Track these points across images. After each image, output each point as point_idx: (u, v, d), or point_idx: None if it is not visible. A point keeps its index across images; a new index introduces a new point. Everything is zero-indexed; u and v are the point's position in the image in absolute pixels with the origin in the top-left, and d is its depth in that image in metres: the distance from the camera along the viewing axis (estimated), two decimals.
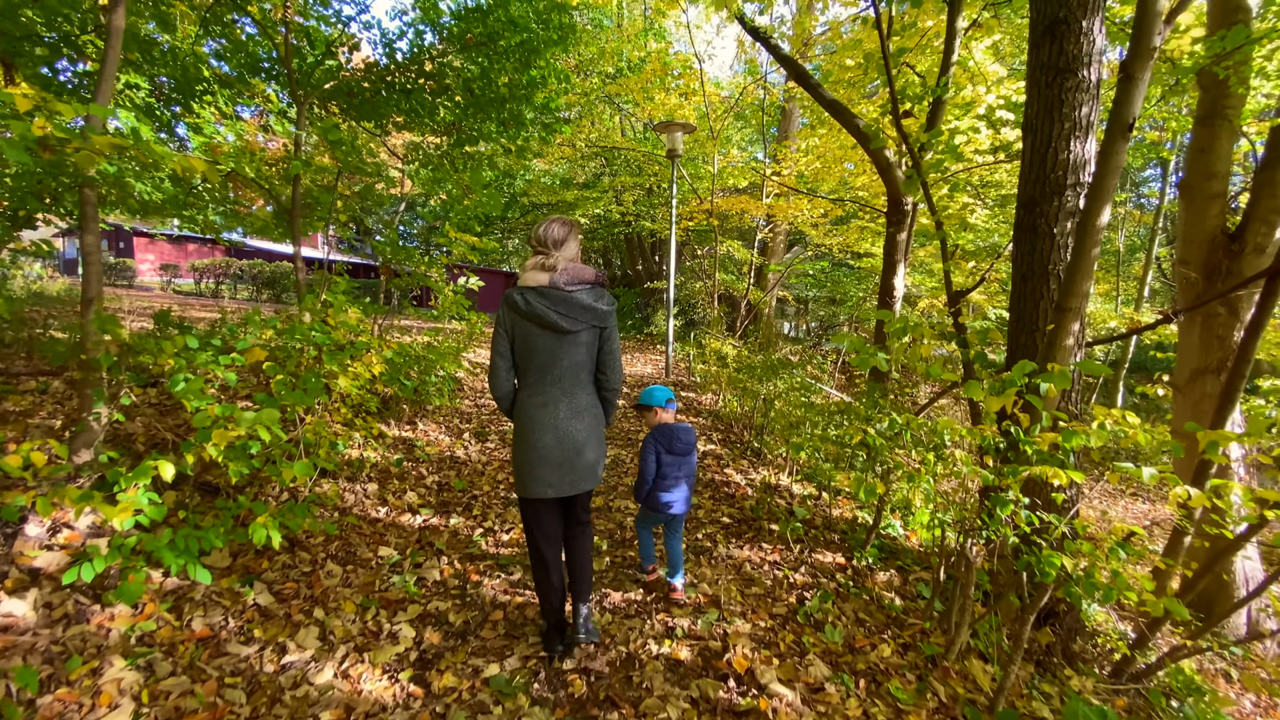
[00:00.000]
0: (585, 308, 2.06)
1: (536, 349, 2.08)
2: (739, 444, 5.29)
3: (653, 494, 2.60)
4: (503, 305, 2.10)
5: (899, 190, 5.21)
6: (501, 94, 5.82)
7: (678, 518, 2.65)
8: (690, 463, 2.63)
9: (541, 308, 2.02)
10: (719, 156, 10.59)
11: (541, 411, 2.09)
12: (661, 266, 16.19)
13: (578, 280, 2.07)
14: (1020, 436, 2.21)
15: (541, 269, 2.07)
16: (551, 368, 2.09)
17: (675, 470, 2.58)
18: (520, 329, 2.08)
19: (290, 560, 2.84)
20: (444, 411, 5.54)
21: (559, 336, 2.07)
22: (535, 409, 2.10)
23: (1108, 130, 2.64)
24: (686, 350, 9.61)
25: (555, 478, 2.09)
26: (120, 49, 2.78)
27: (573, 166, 15.49)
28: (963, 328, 3.42)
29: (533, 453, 2.08)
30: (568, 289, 2.05)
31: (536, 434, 2.08)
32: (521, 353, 2.11)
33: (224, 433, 2.06)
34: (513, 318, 2.07)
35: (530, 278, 2.07)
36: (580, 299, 2.06)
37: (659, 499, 2.59)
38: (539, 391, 2.11)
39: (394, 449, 4.47)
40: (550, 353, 2.08)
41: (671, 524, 2.69)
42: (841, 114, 5.30)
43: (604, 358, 2.18)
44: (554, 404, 2.10)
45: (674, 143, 7.95)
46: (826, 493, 4.09)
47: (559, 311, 2.03)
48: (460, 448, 4.75)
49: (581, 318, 2.06)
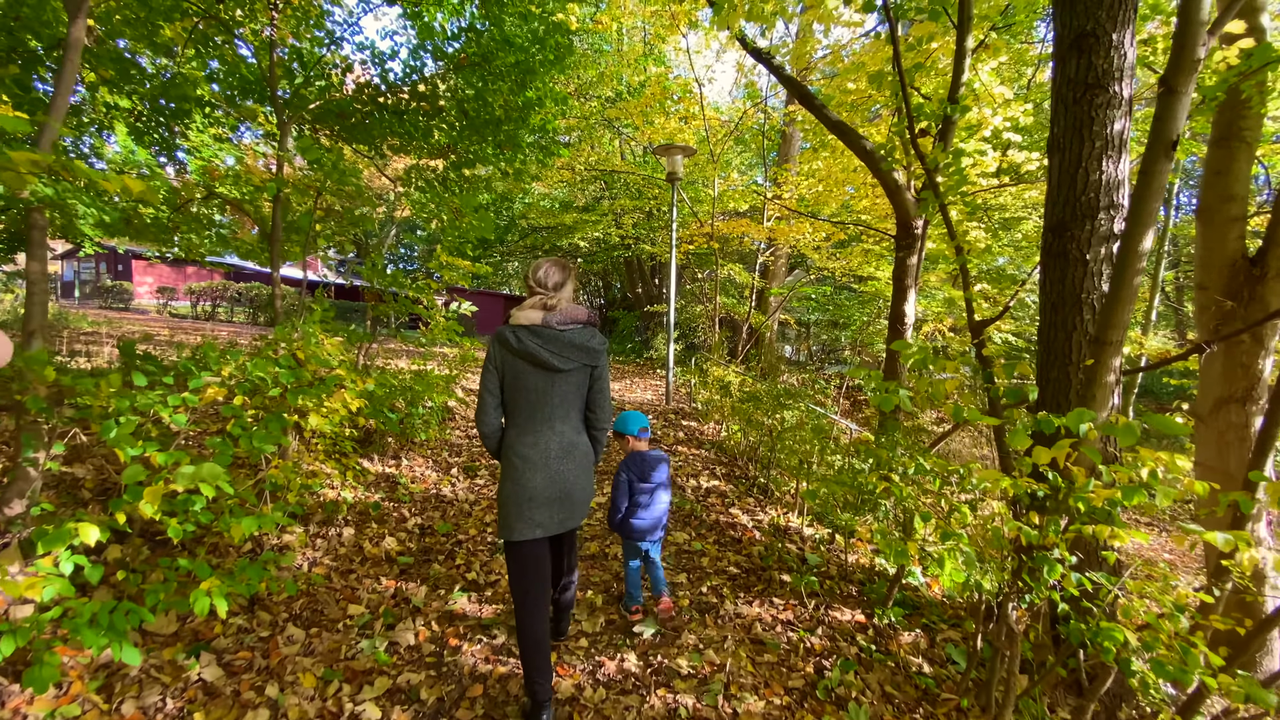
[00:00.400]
0: (578, 347, 2.06)
1: (527, 387, 2.06)
2: (744, 479, 4.99)
3: (626, 522, 2.61)
4: (494, 342, 2.08)
5: (909, 213, 5.01)
6: (497, 116, 5.66)
7: (657, 541, 2.69)
8: (664, 488, 2.66)
9: (534, 346, 2.01)
10: (719, 180, 10.49)
11: (532, 451, 2.06)
12: (661, 290, 16.04)
13: (570, 320, 2.07)
14: (1077, 491, 1.94)
15: (540, 308, 2.06)
16: (542, 406, 2.07)
17: (648, 498, 2.58)
18: (511, 366, 2.06)
19: (247, 623, 2.54)
20: (432, 444, 5.25)
21: (551, 375, 2.06)
22: (525, 448, 2.06)
23: (1149, 148, 2.43)
24: (687, 376, 9.35)
25: (544, 517, 2.06)
26: (79, 62, 2.59)
27: (572, 190, 15.44)
28: (987, 361, 3.17)
29: (522, 493, 2.04)
30: (560, 328, 2.04)
31: (527, 474, 2.05)
32: (511, 390, 2.08)
33: (157, 489, 1.79)
34: (504, 355, 2.06)
35: (525, 316, 2.05)
36: (573, 338, 2.05)
37: (633, 526, 2.60)
38: (529, 430, 2.08)
39: (376, 487, 4.18)
40: (541, 391, 2.07)
41: (653, 548, 2.71)
42: (847, 135, 5.13)
43: (594, 396, 2.19)
44: (544, 443, 2.07)
45: (674, 166, 7.81)
46: (840, 535, 3.79)
47: (551, 350, 2.02)
48: (448, 484, 4.46)
49: (574, 356, 2.06)
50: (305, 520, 3.42)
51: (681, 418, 7.18)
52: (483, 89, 5.37)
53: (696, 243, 10.27)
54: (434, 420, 5.08)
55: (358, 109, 5.23)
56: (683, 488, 4.61)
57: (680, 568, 3.38)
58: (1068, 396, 2.90)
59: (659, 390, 9.92)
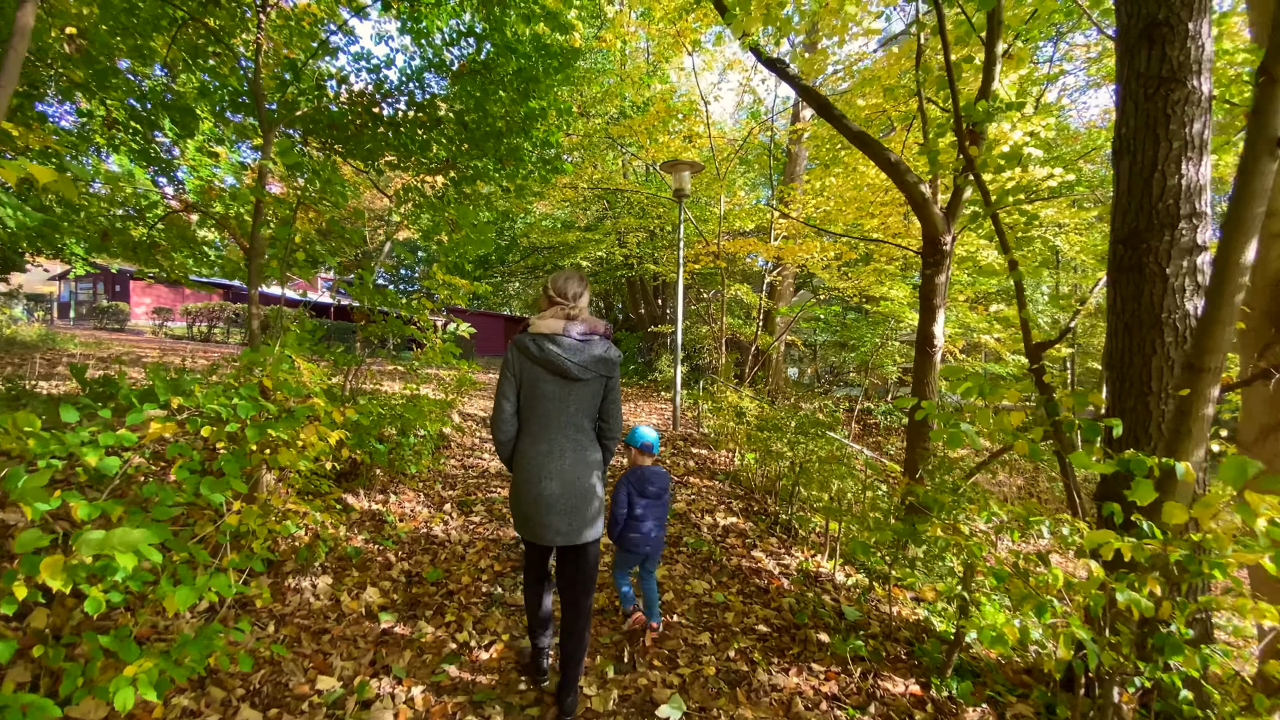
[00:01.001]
0: (597, 357, 2.08)
1: (544, 394, 2.08)
2: (764, 515, 4.58)
3: (624, 534, 2.61)
4: (512, 349, 2.10)
5: (937, 228, 4.70)
6: (498, 128, 5.39)
7: (651, 557, 2.69)
8: (662, 505, 2.65)
9: (554, 354, 2.02)
10: (725, 198, 10.25)
11: (547, 459, 2.07)
12: (665, 310, 15.75)
13: (590, 330, 2.09)
14: (1213, 558, 1.56)
15: (562, 318, 2.08)
16: (558, 414, 2.09)
17: (647, 512, 2.60)
18: (529, 374, 2.08)
19: (194, 703, 2.13)
20: (424, 476, 4.86)
21: (568, 384, 2.08)
22: (540, 456, 2.07)
23: (1248, 145, 2.09)
24: (694, 398, 8.98)
25: (564, 524, 2.07)
26: (24, 50, 2.27)
27: (574, 209, 15.26)
28: (1048, 388, 2.81)
29: (539, 500, 2.05)
30: (580, 339, 2.06)
31: (542, 481, 2.06)
32: (528, 398, 2.10)
33: (55, 560, 1.42)
34: (522, 362, 2.08)
35: (546, 325, 2.06)
36: (593, 349, 2.07)
37: (631, 539, 2.60)
38: (543, 439, 2.09)
39: (360, 526, 3.78)
40: (558, 399, 2.08)
41: (645, 564, 2.71)
42: (869, 146, 4.85)
43: (607, 406, 2.19)
44: (559, 451, 2.08)
45: (681, 182, 7.56)
46: (879, 584, 3.38)
47: (571, 359, 2.03)
48: (440, 522, 4.06)
49: (592, 367, 2.07)
50: (275, 569, 3.02)
51: (691, 444, 6.79)
52: (483, 99, 5.11)
53: (702, 262, 10.00)
54: (426, 450, 4.69)
55: (351, 120, 4.96)
56: (697, 525, 4.20)
57: (703, 624, 2.97)
58: (1147, 430, 2.53)
59: (665, 415, 9.53)
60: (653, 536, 2.61)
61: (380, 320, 4.19)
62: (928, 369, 4.87)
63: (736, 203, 11.25)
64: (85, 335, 17.36)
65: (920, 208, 4.72)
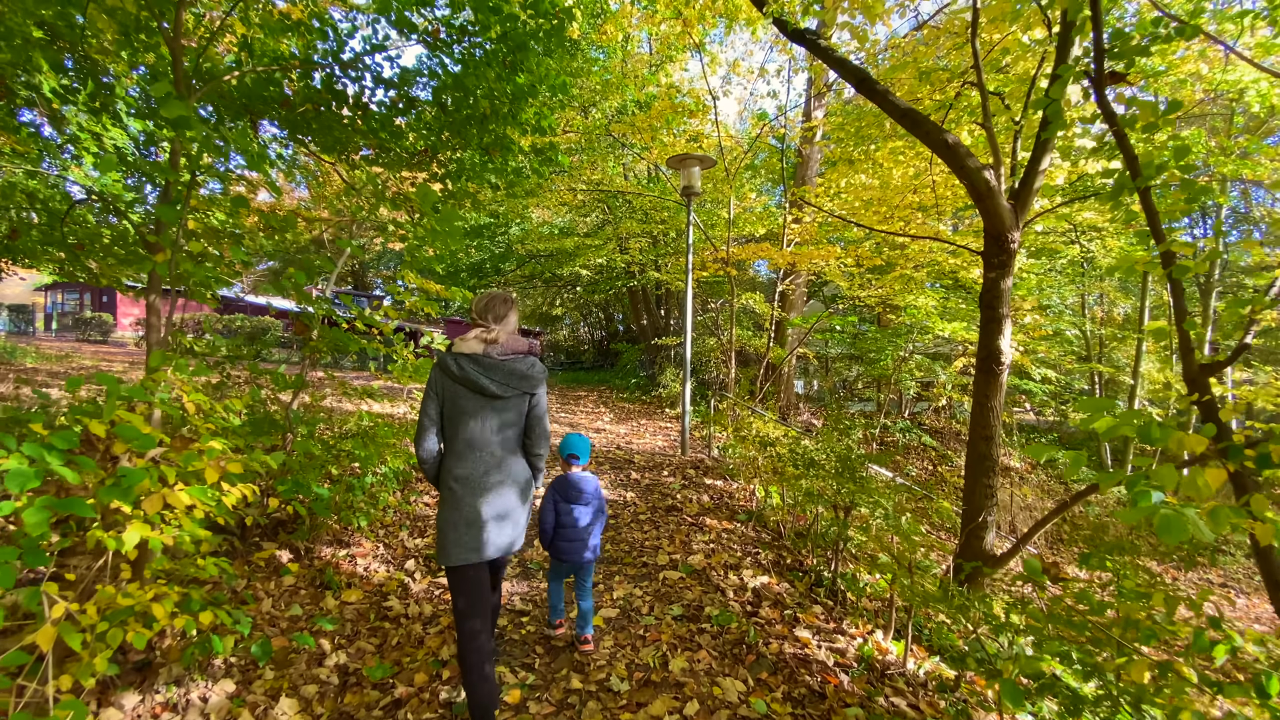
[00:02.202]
0: (517, 375, 2.10)
1: (465, 411, 2.09)
2: (800, 570, 3.76)
3: (555, 542, 2.63)
4: (435, 369, 2.13)
5: (1003, 222, 3.92)
6: (482, 109, 4.64)
7: (583, 567, 2.67)
8: (590, 510, 2.62)
9: (474, 373, 2.05)
10: (734, 201, 9.51)
11: (470, 476, 2.08)
12: (669, 321, 14.97)
13: (511, 350, 2.12)
14: None
15: (480, 340, 2.10)
16: (480, 432, 2.10)
17: (574, 518, 2.59)
18: (450, 392, 2.09)
19: None
20: (387, 520, 4.04)
21: (489, 401, 2.09)
22: (463, 473, 2.09)
23: None
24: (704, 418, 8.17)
25: (480, 541, 2.06)
26: None
27: (574, 215, 14.54)
28: (1226, 430, 2.00)
29: (459, 518, 2.05)
30: (500, 358, 2.09)
31: (465, 499, 2.06)
32: (450, 416, 2.10)
33: None
34: (444, 381, 2.10)
35: (467, 346, 2.09)
36: (513, 366, 2.10)
37: (560, 547, 2.62)
38: (467, 457, 2.10)
39: (291, 596, 2.95)
40: (480, 417, 2.09)
41: (579, 576, 2.69)
42: (919, 125, 4.09)
43: (531, 424, 2.20)
44: (483, 469, 2.10)
45: (690, 179, 6.80)
46: (974, 679, 2.55)
47: (490, 377, 2.06)
48: (397, 586, 3.23)
49: (513, 384, 2.09)
50: (144, 678, 2.19)
51: (703, 474, 5.96)
52: (463, 74, 4.36)
53: (710, 269, 9.23)
54: (387, 492, 3.88)
55: (304, 98, 4.20)
56: (721, 589, 3.38)
57: None
58: None
59: (670, 436, 8.71)
60: (583, 544, 2.61)
61: (328, 332, 3.40)
62: (993, 390, 4.07)
63: (747, 205, 10.51)
64: (61, 347, 16.59)
65: (984, 199, 3.94)
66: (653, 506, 4.84)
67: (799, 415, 12.73)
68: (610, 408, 11.65)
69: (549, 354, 29.73)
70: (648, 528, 4.38)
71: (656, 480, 5.68)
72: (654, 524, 4.45)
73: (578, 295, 20.83)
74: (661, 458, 6.75)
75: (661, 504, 4.91)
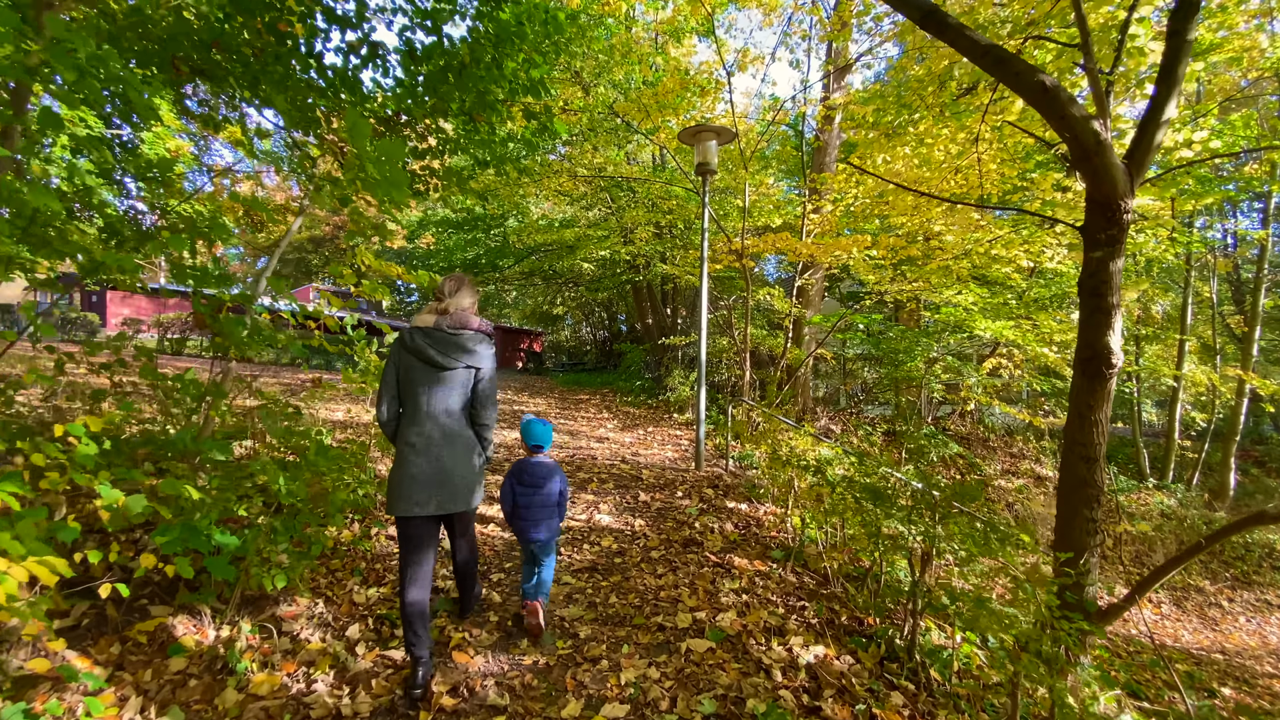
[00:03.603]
0: (461, 348, 2.34)
1: (415, 380, 2.31)
2: (863, 636, 2.91)
3: (513, 522, 2.78)
4: (394, 342, 2.39)
5: (1116, 186, 3.08)
6: (459, 56, 3.83)
7: (542, 543, 2.77)
8: (545, 494, 2.75)
9: (423, 344, 2.30)
10: (750, 188, 8.67)
11: (417, 439, 2.28)
12: (676, 320, 14.12)
13: (460, 325, 2.35)
14: None
15: (433, 312, 2.38)
16: (428, 399, 2.30)
17: (528, 500, 2.74)
18: (404, 362, 2.33)
19: None
20: (335, 566, 3.20)
21: (435, 371, 2.31)
22: (412, 436, 2.29)
23: None
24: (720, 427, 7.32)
25: (424, 497, 2.26)
26: None
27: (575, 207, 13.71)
28: None
29: (406, 475, 2.26)
30: (450, 331, 2.34)
31: (410, 458, 2.28)
32: (404, 383, 2.34)
33: None
34: (400, 352, 2.34)
35: (421, 319, 2.37)
36: (459, 341, 2.34)
37: (517, 525, 2.77)
38: (415, 421, 2.30)
39: (179, 690, 2.13)
40: (427, 385, 2.31)
41: (540, 550, 2.78)
42: (1007, 65, 3.24)
43: (477, 395, 2.39)
44: (428, 432, 2.29)
45: (705, 155, 5.97)
46: None
47: (437, 349, 2.30)
48: (329, 665, 2.40)
49: (457, 357, 2.32)
50: None
51: (723, 494, 5.12)
52: (434, 10, 3.55)
53: (724, 262, 8.40)
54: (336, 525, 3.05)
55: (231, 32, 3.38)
56: (764, 665, 2.54)
57: None
58: None
59: (681, 445, 7.86)
60: (536, 524, 2.73)
61: (234, 324, 2.57)
62: (1098, 398, 3.22)
63: (763, 192, 9.67)
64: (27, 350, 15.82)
65: (1090, 156, 3.09)
66: (666, 539, 4.01)
67: (816, 421, 11.86)
68: (614, 413, 10.81)
69: (550, 355, 28.90)
70: (662, 569, 3.54)
71: (669, 503, 4.84)
72: (669, 564, 3.61)
73: (579, 293, 20.00)
74: (673, 473, 5.91)
75: (677, 535, 4.07)
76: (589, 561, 3.64)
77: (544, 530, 2.75)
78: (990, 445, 13.06)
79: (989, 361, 11.46)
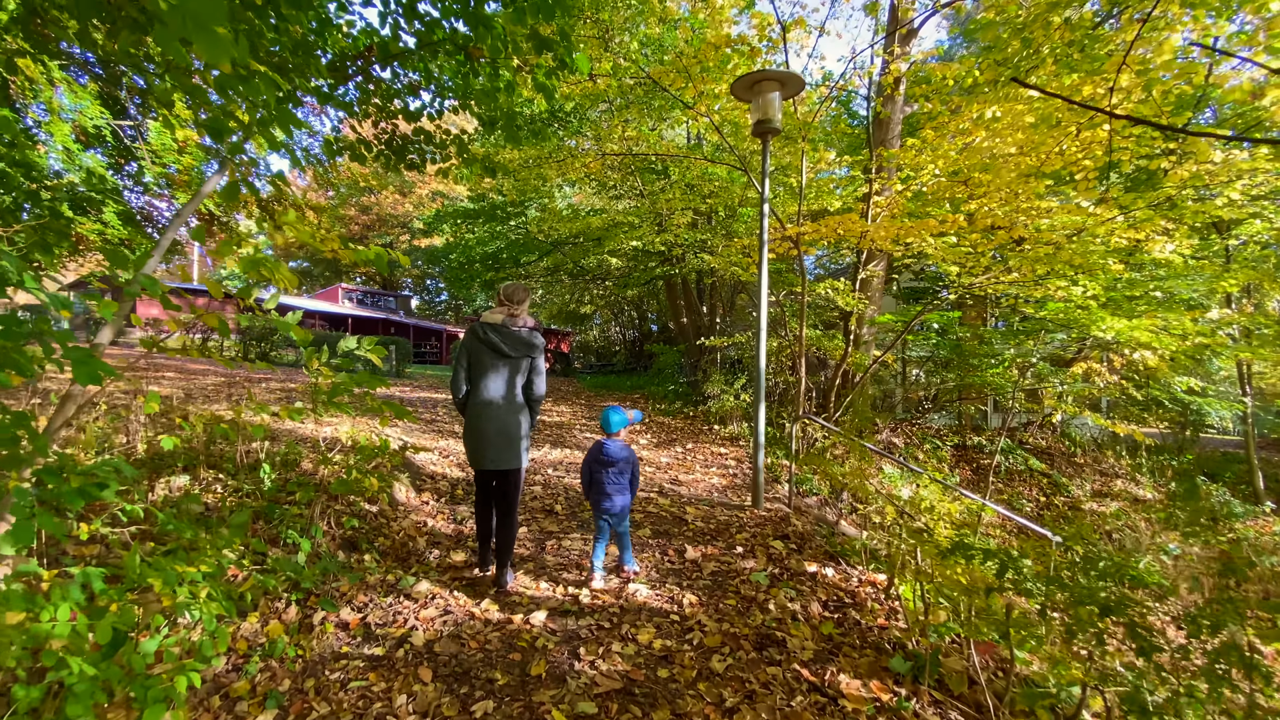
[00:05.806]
0: (524, 342, 3.10)
1: (484, 365, 3.08)
2: None
3: (590, 496, 3.33)
4: (467, 333, 3.14)
5: None
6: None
7: (615, 516, 3.28)
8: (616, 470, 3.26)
9: (495, 338, 3.05)
10: (806, 165, 7.36)
11: (486, 409, 3.05)
12: (714, 319, 12.85)
13: (522, 324, 3.12)
14: None
15: (504, 314, 3.13)
16: (495, 380, 3.07)
17: (604, 477, 3.25)
18: (475, 350, 3.10)
19: None
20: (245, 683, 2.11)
21: (501, 358, 3.08)
22: (482, 406, 3.06)
23: None
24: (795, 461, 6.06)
25: (494, 454, 3.05)
26: None
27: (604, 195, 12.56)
28: None
29: (480, 437, 3.04)
30: (514, 329, 3.09)
31: (482, 423, 3.04)
32: (474, 366, 3.11)
33: None
34: (473, 342, 3.10)
35: (492, 317, 3.11)
36: (521, 336, 3.10)
37: (594, 499, 3.30)
38: (483, 395, 3.07)
39: None
40: (494, 369, 3.08)
41: (614, 521, 3.30)
42: None
43: (532, 377, 3.17)
44: (494, 404, 3.06)
45: (766, 109, 4.74)
46: None
47: (507, 343, 3.06)
48: None
49: (520, 349, 3.09)
50: None
51: (798, 548, 3.88)
52: None
53: (780, 249, 7.13)
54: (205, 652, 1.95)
55: None
56: None
57: None
58: None
59: (727, 468, 6.62)
60: (609, 497, 3.24)
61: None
62: None
63: (821, 169, 8.36)
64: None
65: None
66: (729, 632, 2.80)
67: (876, 433, 10.46)
68: (646, 422, 9.63)
69: (577, 355, 27.93)
70: (731, 697, 2.33)
71: (727, 563, 3.63)
72: (740, 684, 2.41)
73: (607, 290, 18.86)
74: (725, 512, 4.70)
75: (744, 625, 2.86)
76: (619, 676, 2.45)
77: (617, 502, 3.26)
78: (1075, 461, 11.42)
79: (1078, 365, 9.88)
